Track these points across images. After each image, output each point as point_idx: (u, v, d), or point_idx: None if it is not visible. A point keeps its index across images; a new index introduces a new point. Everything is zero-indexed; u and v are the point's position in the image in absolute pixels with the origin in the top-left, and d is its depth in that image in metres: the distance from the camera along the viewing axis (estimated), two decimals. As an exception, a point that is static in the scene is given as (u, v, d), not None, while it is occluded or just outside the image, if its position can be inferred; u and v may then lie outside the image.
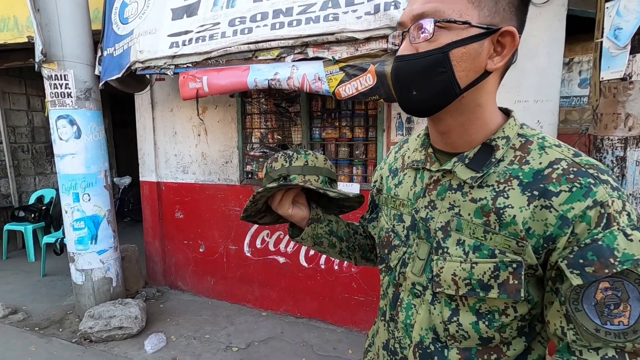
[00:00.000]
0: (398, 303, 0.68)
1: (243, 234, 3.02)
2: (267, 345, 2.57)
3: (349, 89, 1.92)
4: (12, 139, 4.50)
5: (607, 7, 1.57)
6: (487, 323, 0.57)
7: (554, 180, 0.52)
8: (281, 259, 2.92)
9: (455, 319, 0.59)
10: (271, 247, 2.94)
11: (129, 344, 2.58)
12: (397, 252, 0.68)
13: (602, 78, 1.59)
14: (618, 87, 1.53)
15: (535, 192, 0.53)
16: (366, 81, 1.86)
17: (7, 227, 4.11)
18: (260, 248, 2.98)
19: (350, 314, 2.75)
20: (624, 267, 0.47)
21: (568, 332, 0.52)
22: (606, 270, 0.47)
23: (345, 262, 2.71)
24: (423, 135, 0.70)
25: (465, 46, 0.53)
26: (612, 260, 0.47)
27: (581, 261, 0.49)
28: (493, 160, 0.57)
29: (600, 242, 0.48)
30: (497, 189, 0.56)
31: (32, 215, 4.13)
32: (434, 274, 0.60)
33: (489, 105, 0.59)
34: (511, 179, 0.56)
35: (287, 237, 2.87)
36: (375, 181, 0.84)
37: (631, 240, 0.48)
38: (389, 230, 0.71)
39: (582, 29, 2.45)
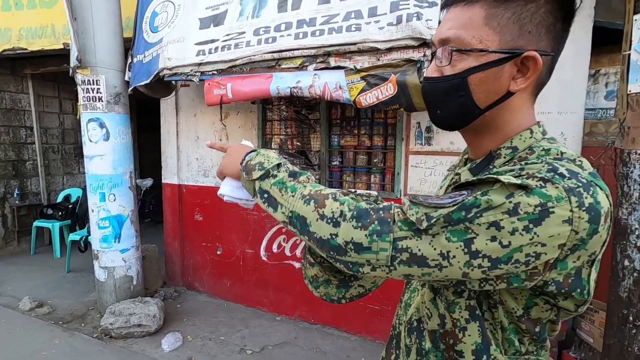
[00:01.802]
0: (407, 286, 0.76)
1: (260, 238, 3.06)
2: (281, 350, 2.59)
3: (369, 98, 1.95)
4: (44, 139, 4.72)
5: (636, 20, 1.54)
6: (442, 298, 0.60)
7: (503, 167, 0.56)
8: (297, 265, 2.94)
9: (426, 299, 0.64)
10: (287, 252, 2.97)
11: (147, 342, 2.64)
12: None
13: (630, 91, 1.56)
14: (646, 100, 1.50)
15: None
16: (387, 90, 1.88)
17: (36, 223, 4.30)
18: (276, 253, 3.02)
19: (365, 322, 2.73)
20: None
21: None
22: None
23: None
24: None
25: (484, 71, 0.56)
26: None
27: None
28: (490, 167, 0.60)
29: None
30: None
31: (60, 213, 4.30)
32: None
33: (515, 121, 0.60)
34: None
35: (304, 243, 2.89)
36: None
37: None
38: None
39: (609, 40, 2.40)
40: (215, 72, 2.39)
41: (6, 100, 4.32)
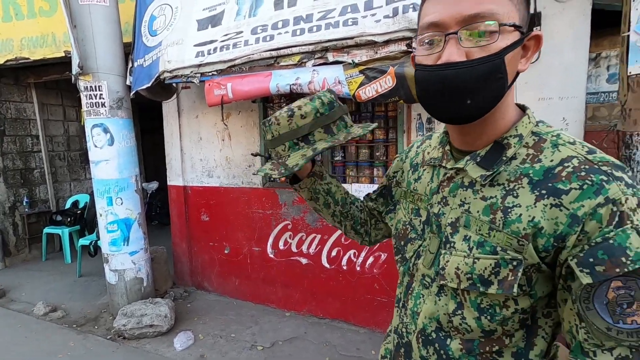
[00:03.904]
0: (409, 292, 0.71)
1: (266, 236, 3.09)
2: (291, 345, 2.62)
3: (369, 91, 1.96)
4: (50, 147, 4.78)
5: (634, 0, 1.53)
6: (489, 318, 0.58)
7: (563, 179, 0.52)
8: (304, 260, 2.96)
9: (459, 312, 0.60)
10: (294, 249, 2.99)
11: (159, 342, 2.69)
12: (413, 244, 0.71)
13: (630, 72, 1.55)
14: (647, 81, 1.49)
15: (544, 191, 0.53)
16: (386, 83, 1.89)
17: (46, 230, 4.36)
18: (283, 249, 3.04)
19: (373, 315, 2.75)
20: (637, 266, 0.46)
21: (580, 330, 0.52)
22: (617, 270, 0.47)
23: (339, 230, 2.72)
24: (442, 133, 0.72)
25: (514, 50, 0.54)
26: (623, 259, 0.46)
27: (591, 260, 0.48)
28: (504, 158, 0.58)
29: (611, 241, 0.47)
30: (507, 188, 0.57)
31: (68, 219, 4.36)
32: (440, 267, 0.62)
33: (511, 105, 0.61)
34: (522, 177, 0.56)
35: (310, 238, 2.91)
36: (395, 172, 0.85)
37: None
38: (406, 223, 0.74)
39: (609, 22, 2.38)
40: (215, 73, 2.41)
41: (11, 110, 4.38)
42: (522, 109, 0.64)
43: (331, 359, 2.44)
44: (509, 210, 0.56)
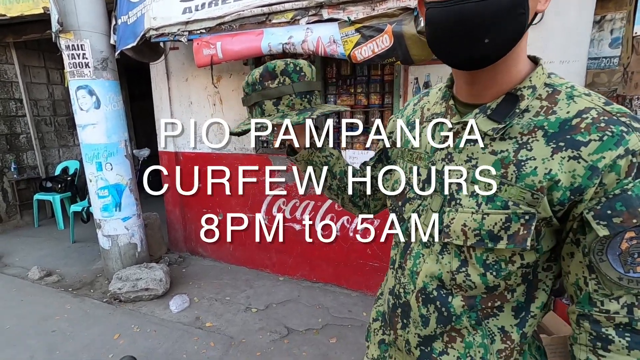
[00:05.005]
0: (408, 252, 0.69)
1: (259, 203, 3.08)
2: (284, 307, 2.68)
3: (365, 52, 1.88)
4: (34, 112, 4.62)
5: (647, -46, 1.45)
6: (494, 274, 0.57)
7: (582, 130, 0.50)
8: (297, 227, 2.98)
9: (463, 269, 0.60)
10: (287, 215, 3.00)
11: (155, 304, 2.74)
12: (412, 204, 0.68)
13: (636, 33, 1.50)
14: (653, 42, 1.45)
15: (561, 143, 0.51)
16: (383, 42, 1.81)
17: (37, 196, 4.31)
18: (276, 216, 3.05)
19: (365, 279, 2.82)
20: None
21: (590, 282, 0.53)
22: (634, 220, 0.47)
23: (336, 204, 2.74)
24: (444, 88, 0.68)
25: None
26: None
27: (609, 212, 0.48)
28: (517, 110, 0.55)
29: (630, 192, 0.47)
30: (520, 141, 0.55)
31: (59, 186, 4.30)
32: (444, 225, 0.61)
33: (524, 51, 0.57)
34: (535, 129, 0.54)
35: (303, 205, 2.92)
36: (391, 133, 0.81)
37: None
38: (405, 183, 0.71)
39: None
40: (203, 31, 2.29)
41: (-9, 72, 4.18)
42: (534, 60, 0.60)
43: (324, 320, 2.52)
44: (523, 163, 0.54)
